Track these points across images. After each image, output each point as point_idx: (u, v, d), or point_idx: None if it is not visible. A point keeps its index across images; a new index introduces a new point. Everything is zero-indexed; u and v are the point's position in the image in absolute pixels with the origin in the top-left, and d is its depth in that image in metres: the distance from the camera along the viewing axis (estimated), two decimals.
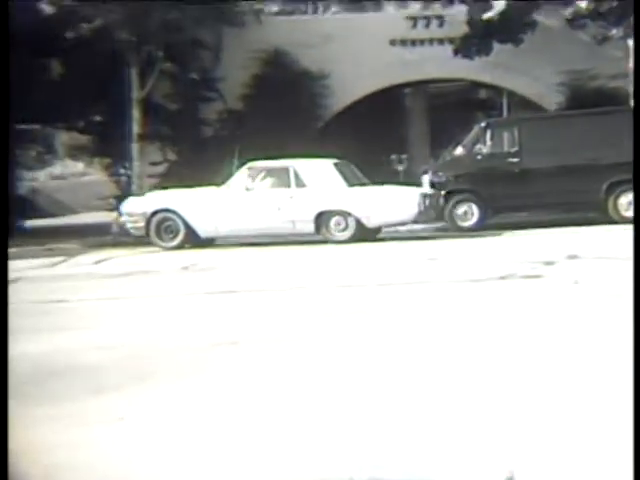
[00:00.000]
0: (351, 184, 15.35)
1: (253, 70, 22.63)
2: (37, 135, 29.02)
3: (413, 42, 23.49)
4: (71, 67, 22.13)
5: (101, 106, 22.71)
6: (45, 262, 13.53)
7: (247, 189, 15.26)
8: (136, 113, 21.01)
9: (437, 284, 9.04)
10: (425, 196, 15.46)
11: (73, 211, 31.44)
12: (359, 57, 23.10)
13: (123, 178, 22.99)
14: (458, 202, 17.31)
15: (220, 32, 22.25)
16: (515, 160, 17.29)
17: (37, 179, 34.66)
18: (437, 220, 16.63)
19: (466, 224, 17.19)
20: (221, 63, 22.55)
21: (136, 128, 21.07)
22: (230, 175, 15.83)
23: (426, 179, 17.47)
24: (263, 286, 9.60)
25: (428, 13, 23.86)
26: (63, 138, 32.48)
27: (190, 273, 11.54)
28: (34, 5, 21.23)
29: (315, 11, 27.27)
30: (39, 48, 21.05)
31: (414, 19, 23.62)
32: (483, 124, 18.17)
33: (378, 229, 15.60)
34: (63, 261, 13.85)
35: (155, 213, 15.49)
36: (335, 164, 15.58)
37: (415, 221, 15.34)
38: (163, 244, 15.41)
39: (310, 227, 15.09)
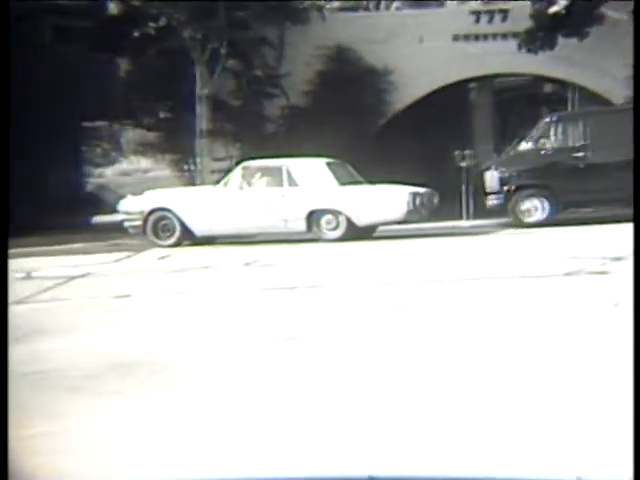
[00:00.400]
0: (342, 183, 15.45)
1: (316, 66, 22.67)
2: (104, 132, 29.40)
3: (476, 37, 23.32)
4: (138, 65, 22.39)
5: (167, 103, 22.95)
6: (111, 258, 13.72)
7: (241, 188, 15.53)
8: (200, 110, 21.18)
9: (503, 280, 8.97)
10: (415, 195, 15.46)
11: None
12: (422, 53, 23.00)
13: (188, 174, 23.20)
14: (522, 198, 17.15)
15: (284, 29, 22.33)
16: (581, 155, 17.09)
17: (104, 175, 35.11)
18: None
19: (531, 219, 17.03)
20: (284, 60, 22.63)
21: (201, 124, 21.25)
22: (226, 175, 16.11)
23: (489, 175, 17.35)
24: (327, 282, 9.62)
25: (491, 7, 23.66)
26: (129, 135, 32.85)
27: (252, 269, 11.61)
28: (102, 3, 21.53)
29: (377, 7, 27.21)
30: (107, 46, 21.35)
31: (477, 14, 23.45)
32: (548, 119, 17.96)
33: (371, 228, 15.57)
34: (128, 257, 14.02)
35: (152, 212, 15.79)
36: (327, 163, 15.75)
37: (405, 220, 15.40)
38: (160, 242, 15.67)
39: (302, 225, 15.29)
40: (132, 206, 16.11)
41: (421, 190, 15.70)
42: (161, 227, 15.78)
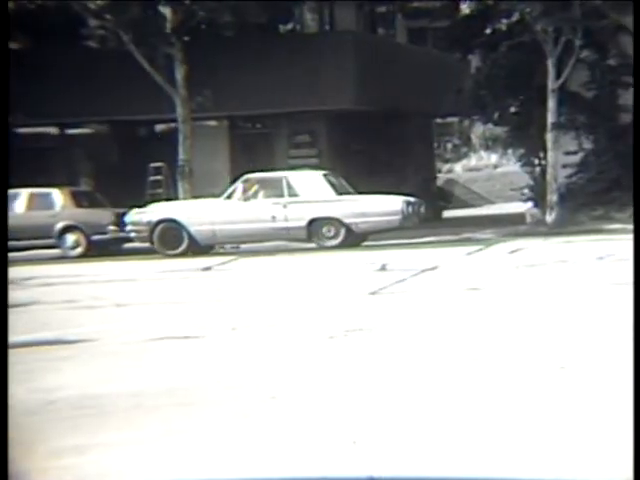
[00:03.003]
0: (339, 193, 16.43)
1: None
2: (454, 128, 29.88)
3: None
4: (489, 61, 22.56)
5: (517, 97, 22.91)
6: (463, 251, 13.93)
7: (244, 199, 16.39)
8: (551, 102, 20.90)
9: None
10: (408, 203, 16.32)
11: (489, 201, 31.92)
12: None
13: (537, 168, 22.96)
14: None
15: None
16: None
17: (453, 170, 35.66)
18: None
19: None
20: None
21: (551, 117, 20.97)
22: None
23: None
24: None
25: None
26: (478, 130, 33.07)
27: (605, 263, 11.33)
28: (455, 4, 22.02)
29: None
30: (459, 45, 21.86)
31: None
32: None
33: (365, 235, 16.46)
34: (479, 250, 14.18)
35: (159, 223, 16.54)
36: (324, 175, 16.70)
37: (399, 227, 16.18)
38: (167, 252, 16.31)
39: (302, 233, 16.17)
40: (139, 217, 16.92)
41: (412, 199, 16.72)
42: (169, 237, 16.55)
